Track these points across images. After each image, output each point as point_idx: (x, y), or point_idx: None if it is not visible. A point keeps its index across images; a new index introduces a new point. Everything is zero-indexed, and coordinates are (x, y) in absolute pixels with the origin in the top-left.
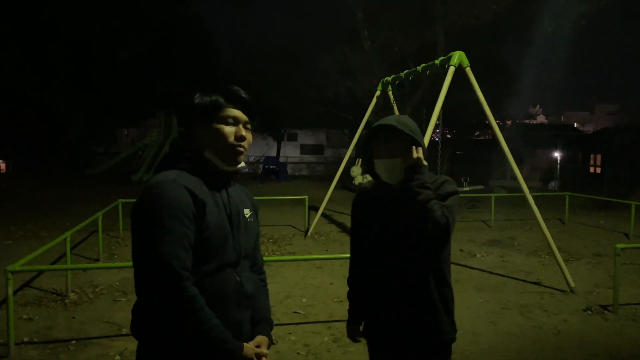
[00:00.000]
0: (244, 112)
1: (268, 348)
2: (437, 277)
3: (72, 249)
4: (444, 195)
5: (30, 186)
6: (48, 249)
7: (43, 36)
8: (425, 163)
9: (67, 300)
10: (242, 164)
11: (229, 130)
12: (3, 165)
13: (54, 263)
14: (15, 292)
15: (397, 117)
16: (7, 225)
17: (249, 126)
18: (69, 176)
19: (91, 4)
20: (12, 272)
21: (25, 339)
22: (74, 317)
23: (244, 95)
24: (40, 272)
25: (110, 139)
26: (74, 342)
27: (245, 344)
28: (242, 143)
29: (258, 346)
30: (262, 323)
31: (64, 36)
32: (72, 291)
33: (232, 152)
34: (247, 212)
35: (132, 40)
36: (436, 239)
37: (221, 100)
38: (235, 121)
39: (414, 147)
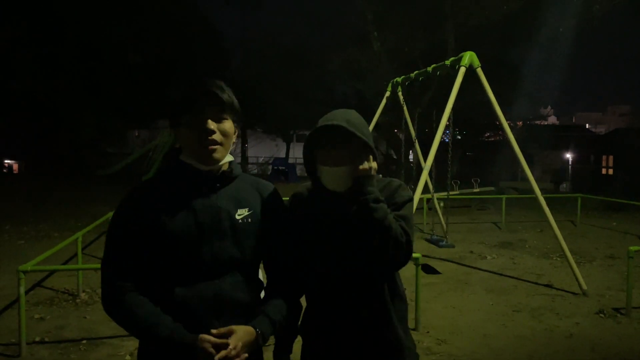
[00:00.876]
0: (213, 104)
1: (262, 342)
2: (392, 293)
3: (83, 249)
4: (399, 203)
5: (42, 187)
6: (60, 249)
7: (55, 39)
8: (375, 172)
9: (78, 300)
10: (228, 158)
11: (195, 128)
12: (15, 166)
13: (65, 263)
14: (27, 292)
15: (345, 115)
16: (19, 226)
17: (224, 116)
18: (81, 177)
19: (102, 7)
20: (24, 272)
21: (37, 339)
22: (85, 317)
23: (214, 88)
24: (52, 272)
25: (121, 140)
26: (84, 341)
27: (202, 335)
28: (212, 137)
29: (226, 336)
30: (258, 316)
31: (75, 39)
32: (83, 291)
33: (203, 150)
34: (240, 212)
35: (143, 42)
36: (395, 259)
37: (185, 97)
38: (202, 116)
39: (367, 154)
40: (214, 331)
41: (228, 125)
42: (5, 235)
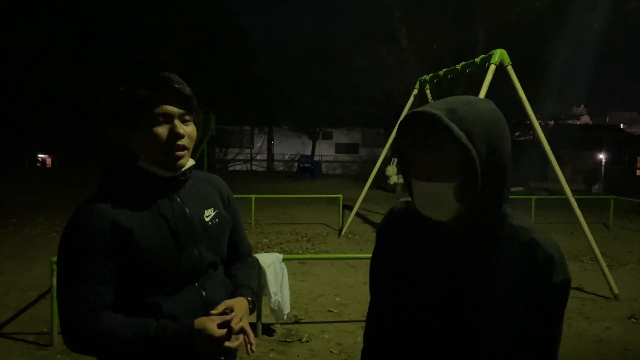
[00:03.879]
0: (178, 104)
1: (251, 308)
2: None
3: None
4: (542, 293)
5: (75, 181)
6: None
7: (86, 37)
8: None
9: None
10: (190, 163)
11: (160, 130)
12: (49, 160)
13: None
14: None
15: (453, 102)
16: (52, 218)
17: (188, 118)
18: None
19: (133, 6)
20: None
21: None
22: None
23: (176, 85)
24: None
25: None
26: None
27: (197, 319)
28: (181, 142)
29: (224, 313)
30: (237, 289)
31: (107, 37)
32: None
33: (168, 154)
34: (208, 213)
35: (172, 39)
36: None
37: (145, 94)
38: (168, 117)
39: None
40: (214, 311)
41: (192, 128)
42: (38, 227)
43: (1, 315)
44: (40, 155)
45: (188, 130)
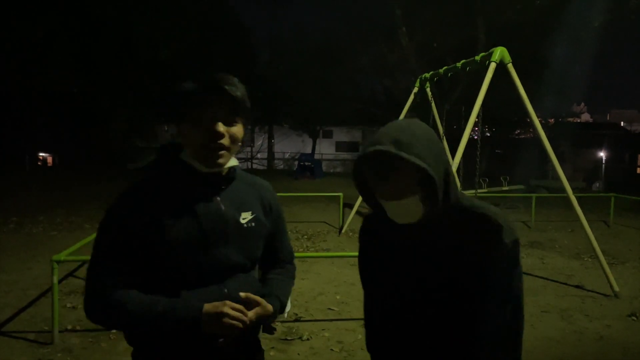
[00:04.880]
0: (226, 104)
1: (272, 319)
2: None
3: None
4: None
5: (75, 179)
6: (91, 241)
7: (88, 35)
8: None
9: None
10: (232, 162)
11: (203, 127)
12: (50, 159)
13: None
14: (60, 282)
15: (396, 132)
16: (53, 217)
17: (234, 119)
18: (112, 170)
19: (135, 4)
20: (58, 262)
21: (69, 327)
22: None
23: (226, 85)
24: (84, 263)
25: (151, 134)
26: (114, 331)
27: (207, 304)
28: (221, 141)
29: (245, 303)
30: (266, 297)
31: (108, 35)
32: None
33: (207, 152)
34: (244, 216)
35: (174, 38)
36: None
37: (195, 91)
38: (212, 115)
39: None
40: (228, 302)
41: (238, 129)
42: (39, 226)
43: (2, 313)
44: (41, 154)
45: (232, 130)
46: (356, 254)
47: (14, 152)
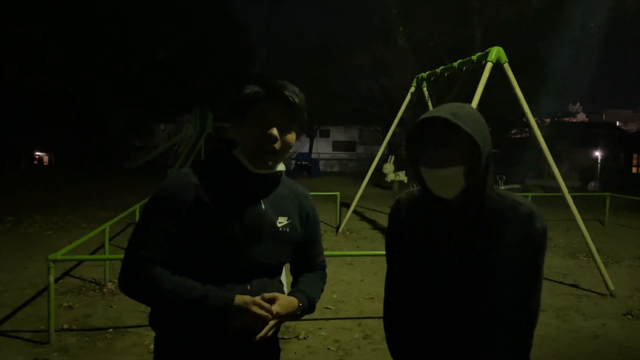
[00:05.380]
0: (283, 110)
1: (300, 315)
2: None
3: (110, 240)
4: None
5: (72, 178)
6: (88, 240)
7: (86, 34)
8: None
9: (105, 290)
10: (280, 167)
11: (258, 128)
12: (46, 158)
13: (93, 253)
14: (56, 281)
15: (452, 107)
16: (49, 216)
17: (290, 125)
18: (108, 169)
19: (133, 4)
20: (54, 261)
21: (65, 326)
22: (111, 307)
23: (287, 93)
24: (80, 262)
25: (148, 133)
26: (111, 330)
27: (239, 295)
28: (274, 145)
29: (269, 301)
30: (294, 292)
31: (106, 33)
32: (110, 281)
33: (259, 154)
34: (281, 220)
35: (171, 38)
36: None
37: (259, 94)
38: (270, 120)
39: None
40: (257, 298)
41: (291, 136)
42: (35, 225)
43: None
44: (37, 153)
45: (286, 137)
46: (353, 253)
47: (10, 151)
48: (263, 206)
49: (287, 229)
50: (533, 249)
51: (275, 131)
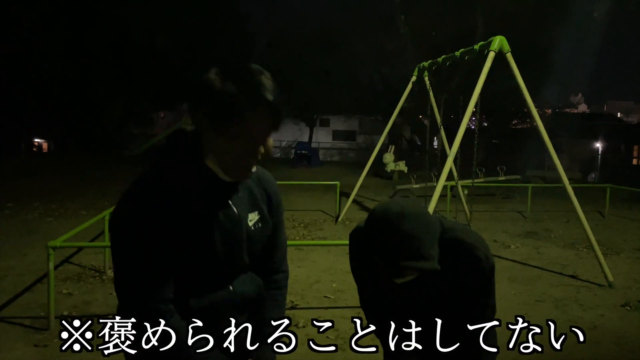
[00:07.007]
0: (271, 121)
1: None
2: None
3: None
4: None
5: (71, 166)
6: (87, 227)
7: (84, 21)
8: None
9: (104, 277)
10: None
11: (242, 147)
12: (45, 145)
13: (92, 240)
14: (55, 268)
15: (393, 248)
16: (48, 204)
17: (272, 132)
18: (108, 157)
19: None
20: (53, 248)
21: (65, 313)
22: (111, 294)
23: (272, 98)
24: (80, 249)
25: (147, 121)
26: (110, 317)
27: None
28: (259, 157)
29: None
30: (260, 346)
31: (104, 21)
32: (110, 268)
33: (240, 170)
34: (251, 217)
35: (170, 25)
36: None
37: (241, 102)
38: (256, 135)
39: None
40: None
41: (271, 141)
42: (35, 212)
43: None
44: (36, 140)
45: (268, 143)
46: None
47: (9, 138)
48: (235, 209)
49: (260, 224)
50: (484, 285)
51: (262, 149)
